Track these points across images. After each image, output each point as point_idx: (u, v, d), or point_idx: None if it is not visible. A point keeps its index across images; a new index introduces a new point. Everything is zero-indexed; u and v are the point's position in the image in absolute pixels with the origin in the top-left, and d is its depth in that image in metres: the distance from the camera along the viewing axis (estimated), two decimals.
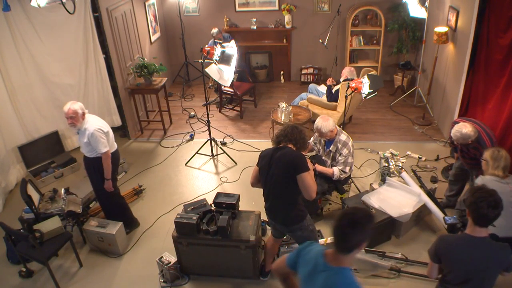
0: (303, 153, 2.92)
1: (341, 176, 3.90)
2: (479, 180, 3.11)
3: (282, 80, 7.87)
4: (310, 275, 1.87)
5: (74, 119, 3.50)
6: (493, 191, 2.20)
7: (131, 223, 4.14)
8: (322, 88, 6.29)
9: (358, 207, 1.96)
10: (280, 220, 3.07)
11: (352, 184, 4.52)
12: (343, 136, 3.91)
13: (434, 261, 2.40)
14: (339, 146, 3.89)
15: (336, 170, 3.86)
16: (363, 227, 1.72)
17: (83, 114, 3.57)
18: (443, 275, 2.44)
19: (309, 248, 1.96)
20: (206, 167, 5.28)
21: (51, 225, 3.58)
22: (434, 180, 4.70)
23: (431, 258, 2.42)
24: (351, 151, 3.89)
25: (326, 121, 3.82)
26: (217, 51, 4.45)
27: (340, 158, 3.89)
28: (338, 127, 3.98)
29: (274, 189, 2.94)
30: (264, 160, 2.96)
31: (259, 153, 3.07)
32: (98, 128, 3.56)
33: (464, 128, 3.47)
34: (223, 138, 5.89)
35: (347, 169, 3.91)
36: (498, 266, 2.27)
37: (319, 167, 3.85)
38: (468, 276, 2.29)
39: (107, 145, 3.63)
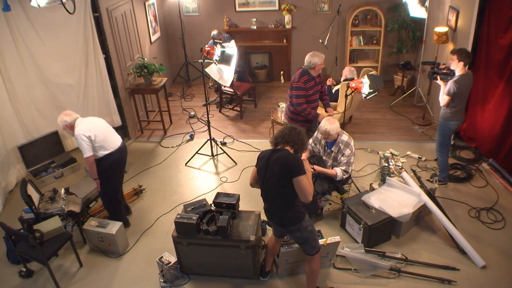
0: (303, 158, 2.89)
1: (344, 176, 3.90)
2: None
3: (282, 80, 7.87)
4: None
5: (65, 129, 3.75)
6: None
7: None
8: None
9: None
10: (277, 221, 3.07)
11: (352, 184, 4.53)
12: (345, 137, 3.90)
13: (450, 96, 4.02)
14: (342, 146, 3.88)
15: (339, 171, 3.85)
16: None
17: (70, 124, 3.70)
18: (452, 105, 4.09)
19: None
20: (206, 167, 5.28)
21: (51, 225, 3.58)
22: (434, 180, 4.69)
23: (449, 95, 4.01)
24: (353, 151, 3.88)
25: (333, 124, 3.79)
26: (217, 51, 4.45)
27: (343, 158, 3.88)
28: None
29: (271, 191, 2.94)
30: (261, 162, 2.97)
31: (259, 153, 3.07)
32: (81, 132, 3.62)
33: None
34: (223, 138, 5.89)
35: (350, 169, 3.91)
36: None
37: (322, 169, 3.85)
38: (465, 98, 4.10)
39: (89, 150, 3.65)
